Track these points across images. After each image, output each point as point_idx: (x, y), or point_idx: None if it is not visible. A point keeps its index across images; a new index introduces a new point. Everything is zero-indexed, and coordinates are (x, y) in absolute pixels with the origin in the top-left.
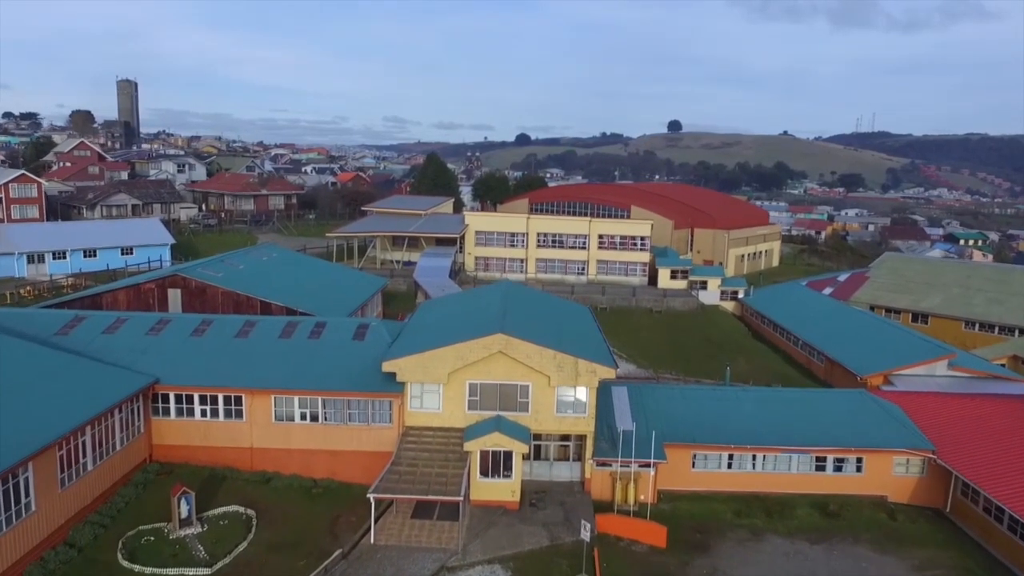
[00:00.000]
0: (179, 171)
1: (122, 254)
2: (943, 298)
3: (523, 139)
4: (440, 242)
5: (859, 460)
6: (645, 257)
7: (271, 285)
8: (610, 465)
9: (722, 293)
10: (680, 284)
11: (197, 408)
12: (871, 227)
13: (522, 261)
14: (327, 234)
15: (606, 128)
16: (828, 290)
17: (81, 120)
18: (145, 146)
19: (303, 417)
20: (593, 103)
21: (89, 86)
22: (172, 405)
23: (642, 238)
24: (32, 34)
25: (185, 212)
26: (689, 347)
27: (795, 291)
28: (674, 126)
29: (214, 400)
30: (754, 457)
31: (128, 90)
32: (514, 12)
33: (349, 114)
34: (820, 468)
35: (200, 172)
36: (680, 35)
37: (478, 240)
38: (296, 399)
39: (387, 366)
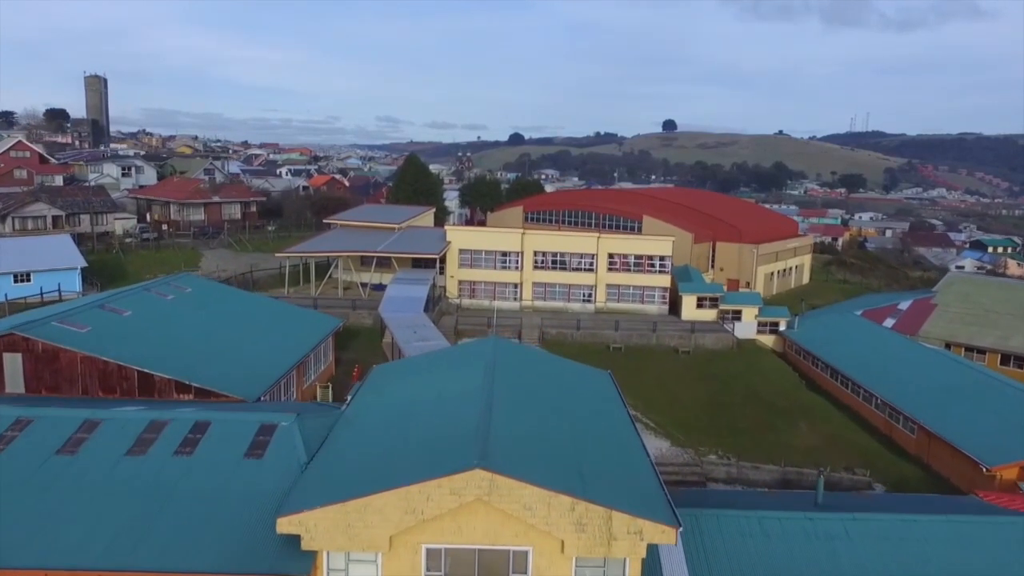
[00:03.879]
0: (124, 175)
1: (16, 281)
2: None
3: (516, 139)
4: (417, 263)
5: None
6: (665, 281)
7: (164, 342)
8: None
9: (759, 325)
10: (708, 314)
11: None
12: (888, 232)
13: (516, 286)
14: (276, 254)
15: (600, 127)
16: (889, 321)
17: (31, 119)
18: (114, 146)
19: None
20: (586, 102)
21: (78, 85)
22: None
23: (661, 258)
24: (22, 33)
25: (122, 224)
26: (733, 407)
27: (851, 324)
28: (669, 125)
29: None
30: None
31: (97, 86)
32: (507, 12)
33: (342, 114)
34: None
35: (150, 176)
36: (672, 35)
37: (462, 260)
38: None
39: (286, 524)
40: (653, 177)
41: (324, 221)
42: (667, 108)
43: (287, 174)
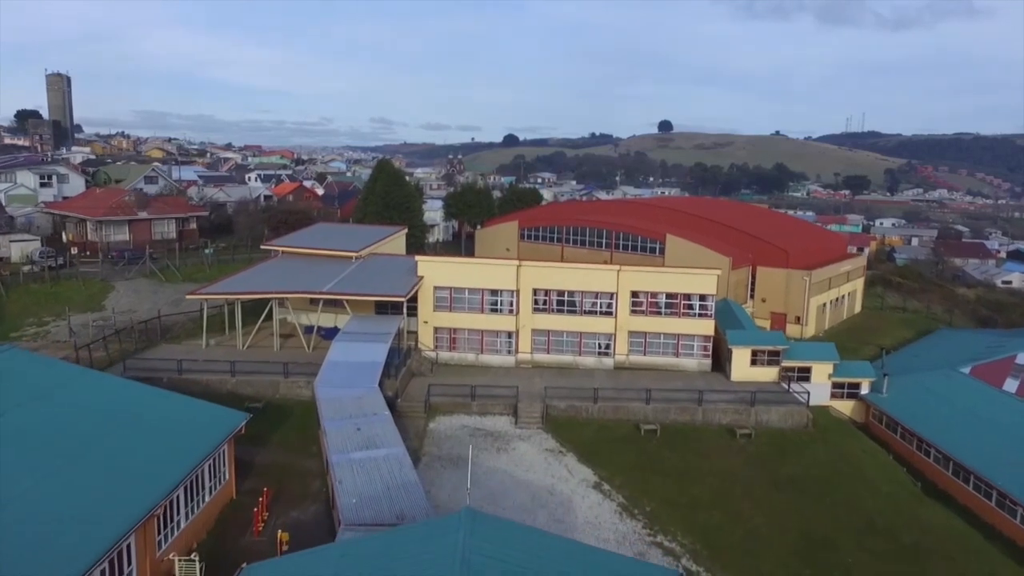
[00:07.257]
0: (43, 184)
1: None
2: None
3: (511, 140)
4: (381, 307)
5: None
6: (708, 327)
7: None
8: None
9: (833, 386)
10: (767, 373)
11: None
12: (914, 241)
13: (510, 335)
14: (188, 295)
15: (595, 128)
16: (1011, 384)
17: None
18: (75, 149)
19: None
20: (581, 103)
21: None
22: None
23: (702, 297)
24: (20, 35)
25: (21, 247)
26: (838, 545)
27: (963, 389)
28: (664, 126)
29: None
30: None
31: (59, 85)
32: (501, 13)
33: (335, 115)
34: None
35: (76, 185)
36: (666, 35)
37: (439, 301)
38: None
39: None
40: (652, 179)
41: (262, 247)
42: (662, 108)
43: (256, 180)
